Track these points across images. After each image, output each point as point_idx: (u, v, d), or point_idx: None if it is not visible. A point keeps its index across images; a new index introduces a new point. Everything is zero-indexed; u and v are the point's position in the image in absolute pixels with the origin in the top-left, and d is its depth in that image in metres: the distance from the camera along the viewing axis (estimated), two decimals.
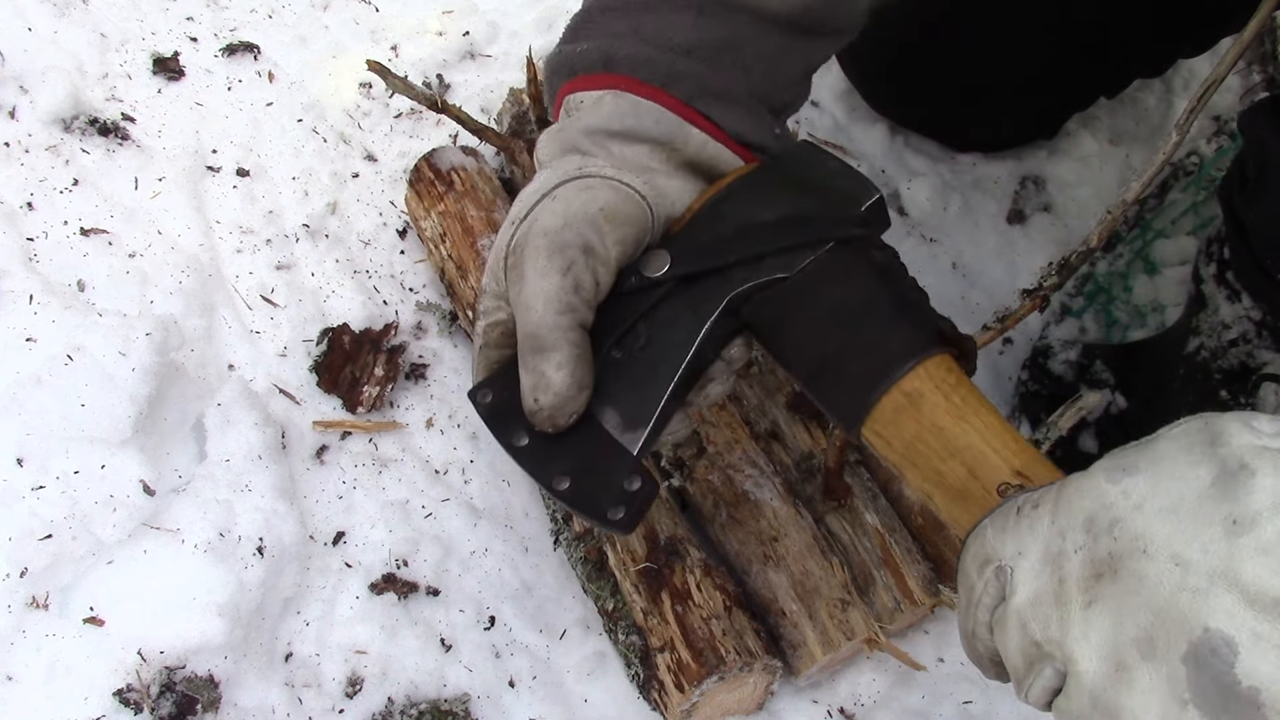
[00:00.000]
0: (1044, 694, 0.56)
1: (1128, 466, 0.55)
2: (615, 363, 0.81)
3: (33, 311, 1.15)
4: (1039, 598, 0.56)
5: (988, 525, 0.61)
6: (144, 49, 1.58)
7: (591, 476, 0.79)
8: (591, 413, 0.80)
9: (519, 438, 0.81)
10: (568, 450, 0.80)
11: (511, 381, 0.80)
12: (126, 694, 0.99)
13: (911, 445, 0.72)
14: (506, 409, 0.81)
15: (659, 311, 0.81)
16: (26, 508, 1.03)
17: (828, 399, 0.79)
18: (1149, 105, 1.71)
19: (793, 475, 1.22)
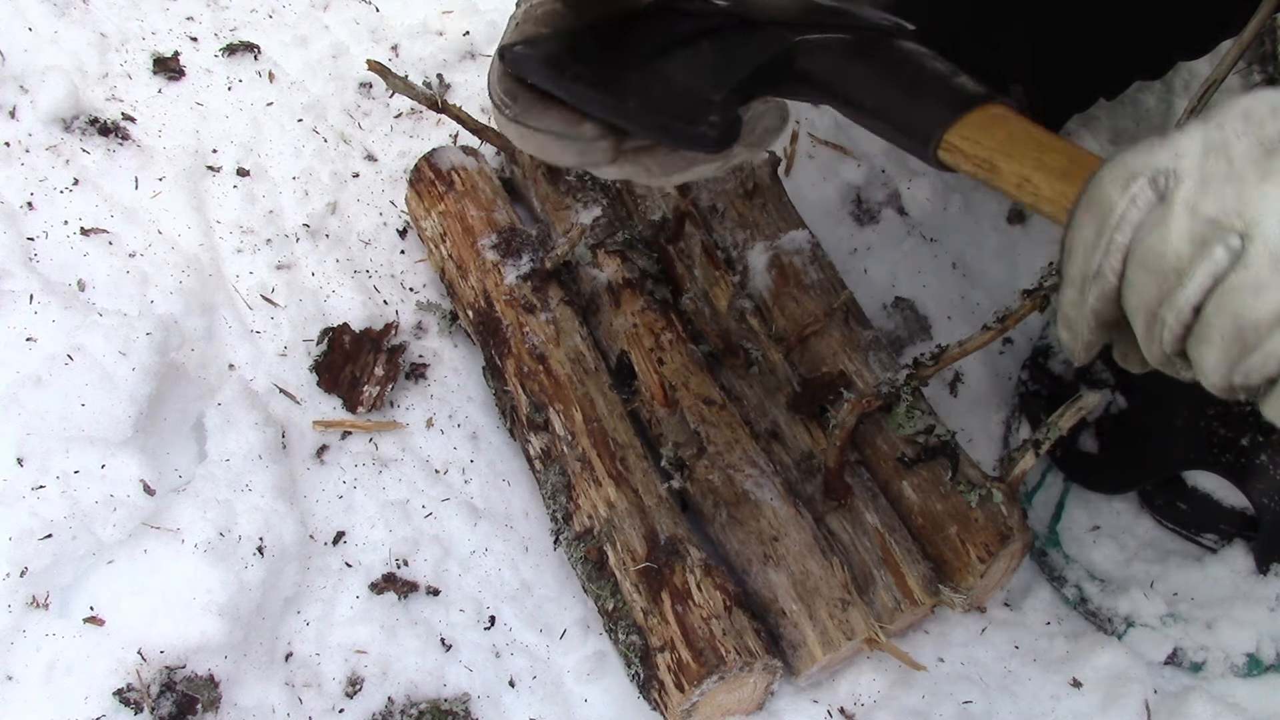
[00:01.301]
0: (1209, 278, 0.55)
1: (1263, 96, 0.55)
2: (682, 57, 0.79)
3: (33, 311, 1.15)
4: (1208, 180, 0.55)
5: (1127, 154, 0.59)
6: (144, 49, 1.58)
7: (667, 98, 0.77)
8: (650, 67, 0.79)
9: (571, 72, 0.78)
10: (635, 83, 0.78)
11: (550, 38, 0.79)
12: (126, 694, 0.99)
13: (1005, 142, 0.72)
14: (552, 52, 0.78)
15: (723, 34, 0.80)
16: (26, 508, 1.03)
17: (904, 116, 0.77)
18: (1149, 105, 1.71)
19: (793, 475, 1.22)
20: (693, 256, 1.39)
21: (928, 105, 0.75)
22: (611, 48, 0.81)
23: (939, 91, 0.76)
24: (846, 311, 1.30)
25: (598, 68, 0.78)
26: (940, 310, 1.50)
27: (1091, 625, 1.26)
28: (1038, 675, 1.20)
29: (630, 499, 1.16)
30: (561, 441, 1.22)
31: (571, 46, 0.80)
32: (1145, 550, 1.30)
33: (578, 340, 1.29)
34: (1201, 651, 1.21)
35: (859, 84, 0.79)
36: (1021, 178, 0.69)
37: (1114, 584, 1.26)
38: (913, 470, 1.20)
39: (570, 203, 1.40)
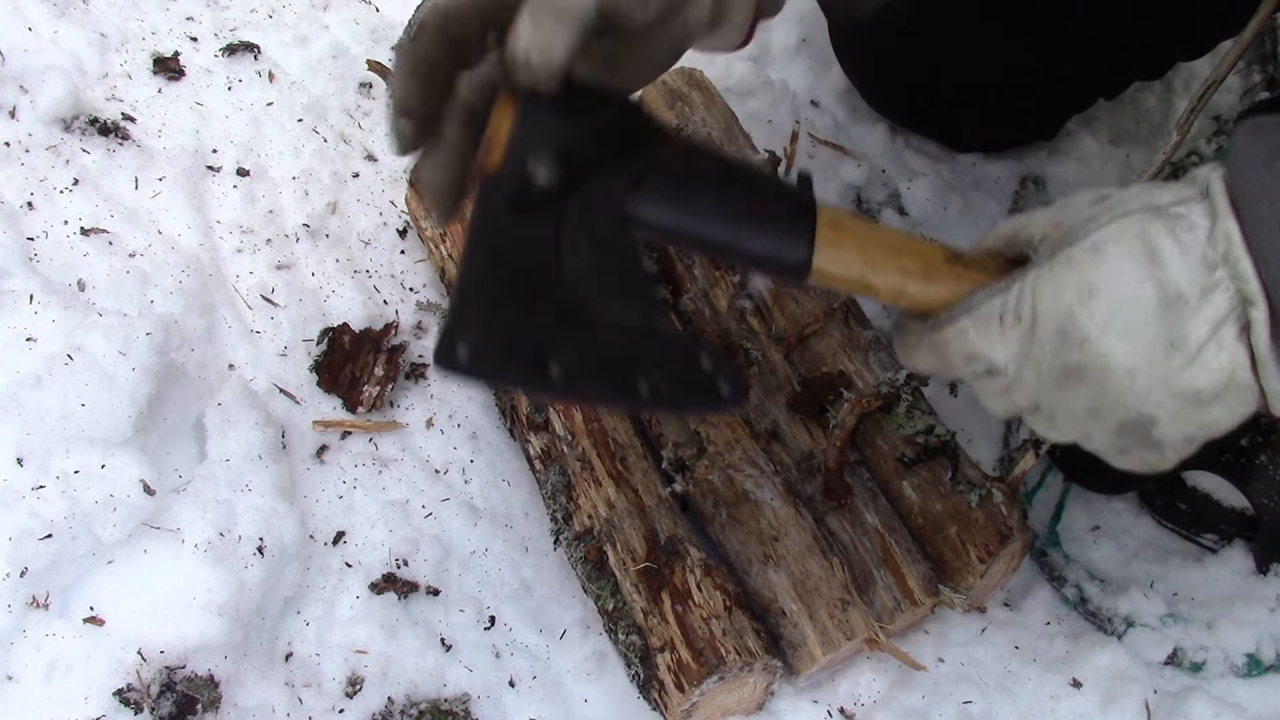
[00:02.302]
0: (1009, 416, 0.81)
1: (1090, 287, 0.71)
2: (578, 273, 0.76)
3: (33, 311, 1.15)
4: (1025, 383, 0.76)
5: (970, 328, 0.76)
6: (144, 49, 1.58)
7: (668, 372, 0.74)
8: (607, 319, 0.75)
9: (554, 367, 0.72)
10: (619, 359, 0.74)
11: (496, 314, 0.73)
12: (126, 694, 0.99)
13: (864, 255, 0.79)
14: (517, 345, 0.72)
15: (570, 220, 0.77)
16: (26, 508, 1.03)
17: (768, 258, 0.80)
18: (1149, 105, 1.71)
19: (793, 475, 1.22)
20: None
21: (782, 235, 0.79)
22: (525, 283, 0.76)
23: (780, 211, 0.79)
24: (846, 311, 1.30)
25: (555, 338, 0.73)
26: None
27: (1091, 625, 1.26)
28: (1038, 675, 1.20)
29: (630, 499, 1.16)
30: (561, 441, 1.22)
31: (493, 303, 0.74)
32: (1145, 550, 1.30)
33: None
34: (1201, 651, 1.21)
35: (704, 228, 0.80)
36: (896, 291, 0.80)
37: (1114, 584, 1.26)
38: (913, 470, 1.20)
39: None
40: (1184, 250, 0.70)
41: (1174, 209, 0.71)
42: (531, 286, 0.75)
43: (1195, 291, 0.69)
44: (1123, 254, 0.71)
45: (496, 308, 0.73)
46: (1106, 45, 1.42)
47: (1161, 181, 0.76)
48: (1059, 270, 0.72)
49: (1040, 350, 0.74)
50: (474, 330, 0.72)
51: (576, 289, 0.75)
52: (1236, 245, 0.69)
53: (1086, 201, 0.76)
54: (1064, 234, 0.74)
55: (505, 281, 0.75)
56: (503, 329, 0.73)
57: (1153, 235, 0.70)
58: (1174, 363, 0.70)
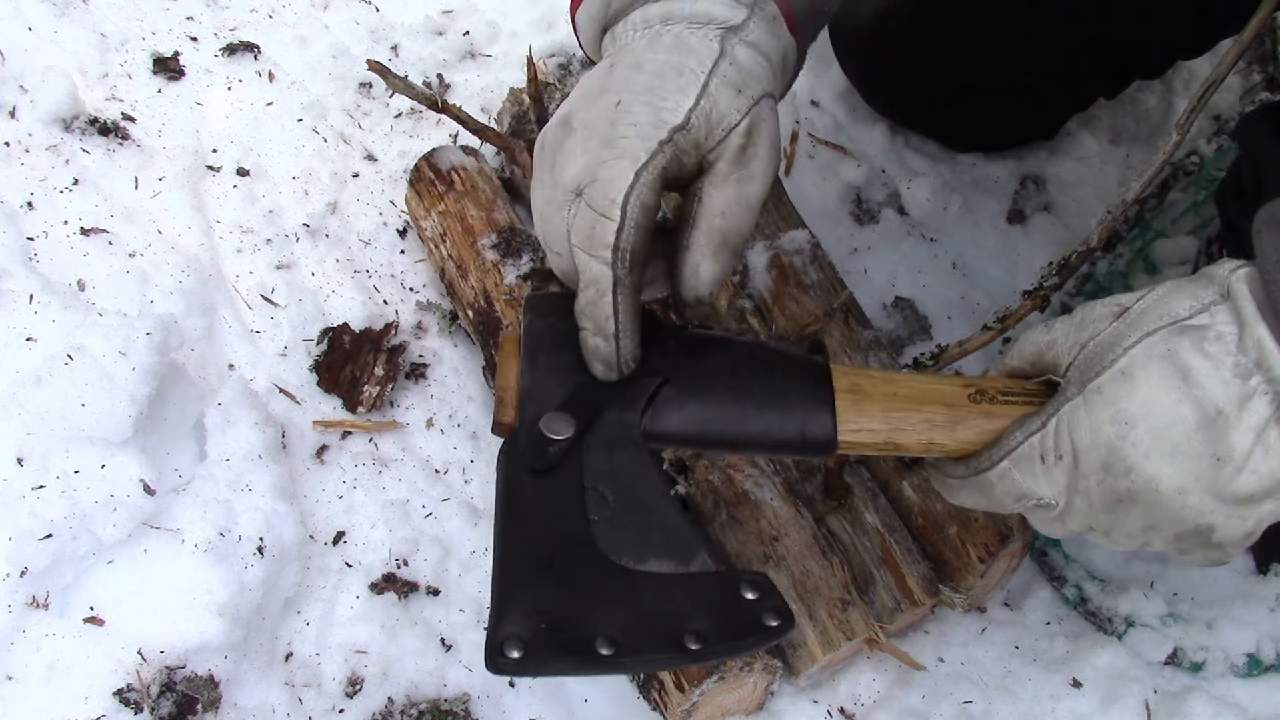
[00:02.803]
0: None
1: (1127, 418, 0.71)
2: (607, 524, 0.76)
3: (33, 311, 1.15)
4: (1081, 514, 0.76)
5: (1012, 469, 0.76)
6: (144, 49, 1.58)
7: (712, 616, 0.73)
8: (643, 572, 0.74)
9: (604, 645, 0.70)
10: (662, 618, 0.73)
11: (542, 613, 0.71)
12: (126, 694, 0.99)
13: (888, 418, 0.79)
14: (563, 635, 0.71)
15: (590, 466, 0.77)
16: (26, 508, 1.03)
17: (793, 444, 0.80)
18: (1149, 105, 1.71)
19: (793, 475, 1.22)
20: None
21: (803, 419, 0.79)
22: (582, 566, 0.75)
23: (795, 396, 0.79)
24: (846, 311, 1.30)
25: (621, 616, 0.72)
26: (940, 310, 1.50)
27: (1091, 625, 1.26)
28: (1038, 675, 1.20)
29: None
30: None
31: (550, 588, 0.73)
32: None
33: None
34: (1201, 651, 1.21)
35: (725, 431, 0.80)
36: (925, 444, 0.80)
37: (1114, 584, 1.26)
38: (913, 470, 1.20)
39: None
40: (1215, 365, 0.69)
41: (1197, 319, 0.71)
42: (567, 559, 0.74)
43: (1233, 405, 0.69)
44: (1154, 379, 0.70)
45: (537, 597, 0.72)
46: (1106, 45, 1.42)
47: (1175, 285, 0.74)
48: (1093, 403, 0.72)
49: (1087, 483, 0.73)
50: (520, 626, 0.71)
51: (610, 548, 0.75)
52: (1271, 352, 0.68)
53: (1106, 316, 0.75)
54: (1090, 358, 0.74)
55: (540, 561, 0.74)
56: (547, 619, 0.71)
57: (1182, 354, 0.70)
58: (1223, 475, 0.70)
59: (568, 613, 0.72)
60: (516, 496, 0.77)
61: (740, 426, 0.79)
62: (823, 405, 0.78)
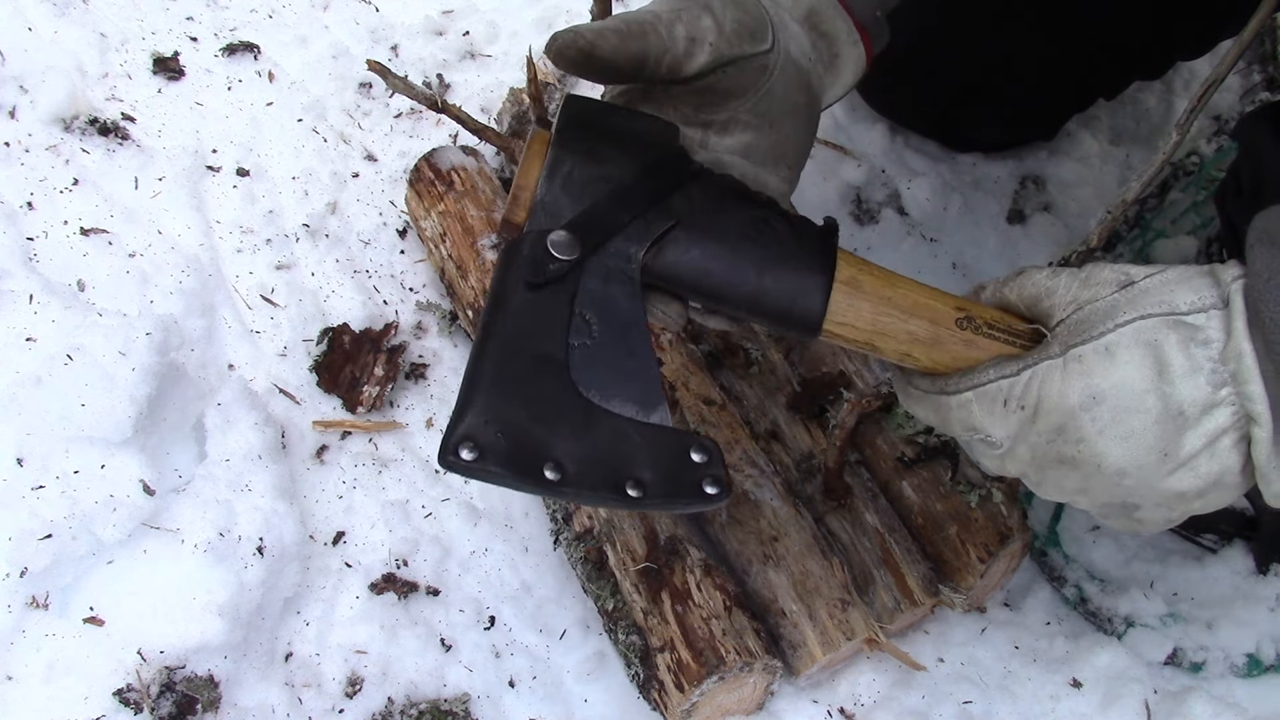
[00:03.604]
0: None
1: (1096, 393, 0.73)
2: (585, 352, 0.77)
3: (33, 311, 1.15)
4: (1021, 461, 0.78)
5: (973, 401, 0.78)
6: (144, 49, 1.58)
7: (658, 467, 0.75)
8: (604, 409, 0.76)
9: (551, 470, 0.73)
10: (608, 454, 0.75)
11: (505, 422, 0.73)
12: (126, 694, 0.99)
13: (875, 320, 0.80)
14: (515, 448, 0.73)
15: (584, 290, 0.78)
16: (26, 508, 1.03)
17: (779, 315, 0.80)
18: (1149, 105, 1.71)
19: (793, 475, 1.22)
20: None
21: (796, 297, 0.79)
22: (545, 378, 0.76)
23: (796, 272, 0.80)
24: None
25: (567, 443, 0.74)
26: None
27: (1091, 625, 1.26)
28: (1038, 675, 1.20)
29: None
30: None
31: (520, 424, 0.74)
32: (1145, 550, 1.30)
33: None
34: (1201, 651, 1.21)
35: (719, 287, 0.80)
36: (902, 354, 0.81)
37: (1114, 584, 1.26)
38: (913, 470, 1.20)
39: None
40: (1194, 367, 0.71)
41: (1192, 318, 0.72)
42: (537, 377, 0.76)
43: (1197, 409, 0.71)
44: (1133, 363, 0.72)
45: (501, 406, 0.74)
46: (1107, 46, 1.42)
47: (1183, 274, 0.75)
48: (1070, 369, 0.74)
49: (1038, 438, 0.76)
50: (478, 430, 0.73)
51: (581, 378, 0.76)
52: (1248, 368, 0.70)
53: (1110, 283, 0.76)
54: (1082, 320, 0.75)
55: (512, 373, 0.76)
56: (505, 430, 0.73)
57: (1166, 348, 0.71)
58: (1164, 469, 0.73)
59: (525, 430, 0.74)
60: (505, 303, 0.77)
61: (735, 284, 0.80)
62: (818, 288, 0.79)
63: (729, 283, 0.80)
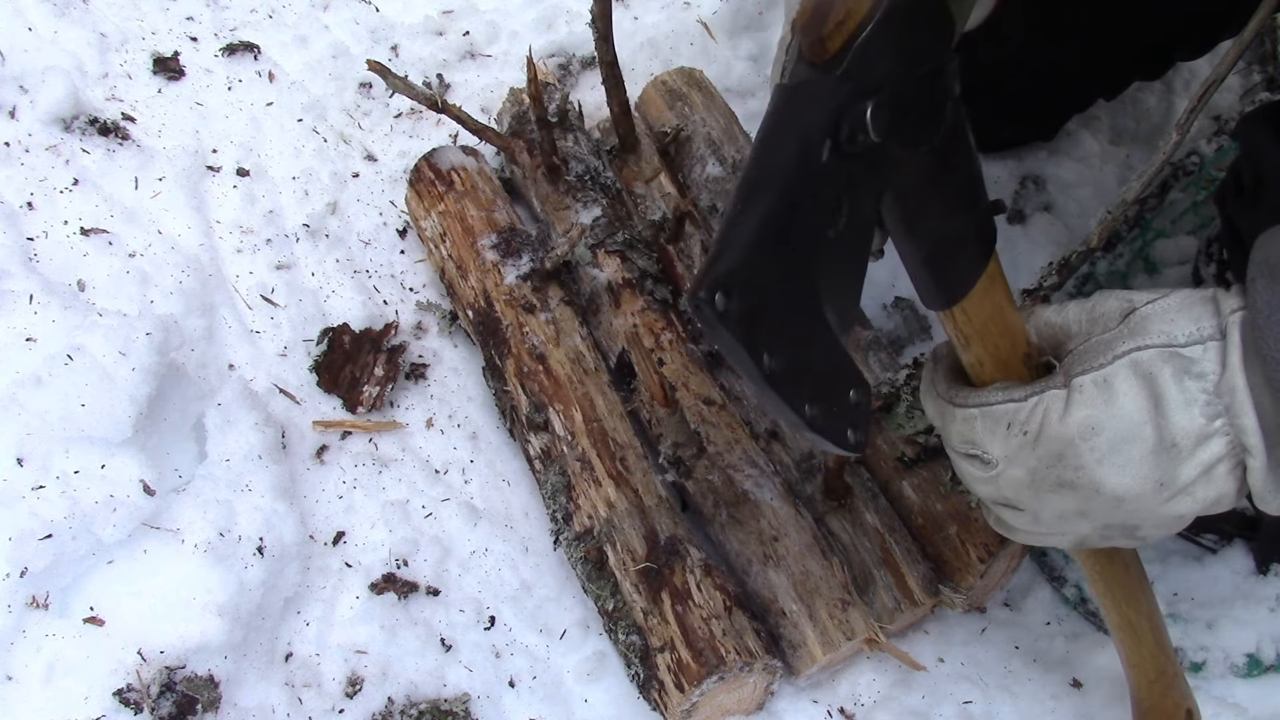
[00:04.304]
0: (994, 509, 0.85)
1: (1094, 424, 0.74)
2: (828, 247, 0.68)
3: (33, 311, 1.15)
4: (1016, 483, 0.79)
5: (978, 419, 0.79)
6: (144, 49, 1.58)
7: (829, 395, 0.70)
8: (820, 308, 0.68)
9: (770, 358, 0.65)
10: (812, 364, 0.68)
11: (757, 286, 0.64)
12: (126, 694, 0.99)
13: (985, 323, 0.79)
14: (757, 321, 0.64)
15: (853, 179, 0.68)
16: (26, 508, 1.03)
17: (937, 277, 0.77)
18: (1149, 105, 1.71)
19: (793, 475, 1.22)
20: (693, 256, 1.39)
21: (961, 266, 0.77)
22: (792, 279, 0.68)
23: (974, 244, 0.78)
24: None
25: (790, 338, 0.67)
26: None
27: (1091, 625, 1.26)
28: (1038, 675, 1.20)
29: (630, 499, 1.16)
30: (561, 441, 1.22)
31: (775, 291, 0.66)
32: (1145, 550, 1.29)
33: (577, 340, 1.29)
34: (1201, 651, 1.21)
35: (919, 227, 0.75)
36: (979, 359, 0.81)
37: None
38: (913, 470, 1.20)
39: (570, 203, 1.40)
40: (1188, 400, 0.72)
41: (1188, 350, 0.73)
42: (797, 249, 0.66)
43: (1190, 441, 0.73)
44: (1130, 395, 0.74)
45: (762, 264, 0.64)
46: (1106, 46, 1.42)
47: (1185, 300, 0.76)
48: (1072, 400, 0.75)
49: (1036, 462, 0.77)
50: (735, 282, 0.63)
51: (821, 266, 0.68)
52: (1241, 402, 0.71)
53: (1115, 314, 0.77)
54: (1085, 353, 0.77)
55: (782, 232, 0.65)
56: (756, 293, 0.64)
57: (1160, 381, 0.73)
58: (1161, 496, 0.75)
59: (771, 305, 0.65)
60: (802, 150, 0.65)
61: (934, 232, 0.75)
62: (976, 268, 0.78)
63: (931, 226, 0.74)
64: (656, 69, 1.64)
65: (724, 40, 1.71)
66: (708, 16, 1.73)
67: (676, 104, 1.48)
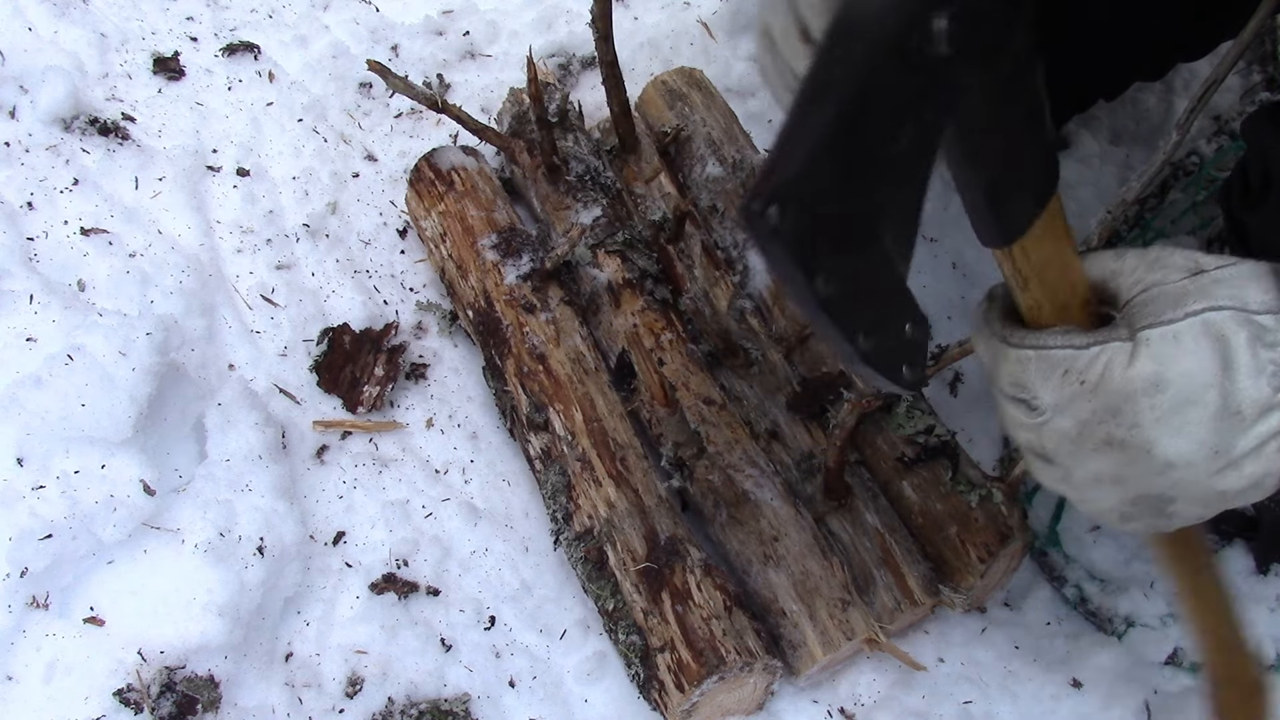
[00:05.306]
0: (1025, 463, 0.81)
1: (1159, 381, 0.71)
2: (890, 163, 0.65)
3: (33, 311, 1.15)
4: (1061, 435, 0.75)
5: (1033, 361, 0.75)
6: (144, 49, 1.58)
7: (884, 327, 0.67)
8: (878, 233, 0.66)
9: (824, 282, 0.63)
10: (867, 292, 0.66)
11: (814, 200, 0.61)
12: (126, 694, 0.99)
13: (1044, 264, 0.77)
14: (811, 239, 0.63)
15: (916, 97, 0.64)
16: (26, 508, 1.03)
17: (998, 210, 0.74)
18: (1149, 105, 1.71)
19: (793, 475, 1.22)
20: (693, 256, 1.39)
21: (1021, 200, 0.74)
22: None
23: (1037, 176, 0.74)
24: None
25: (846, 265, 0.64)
26: (940, 310, 1.50)
27: (1091, 625, 1.26)
28: (1038, 675, 1.20)
29: (630, 499, 1.16)
30: (561, 441, 1.22)
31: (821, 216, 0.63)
32: (1145, 550, 1.30)
33: (578, 340, 1.29)
34: None
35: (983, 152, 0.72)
36: (1038, 302, 0.78)
37: (1114, 584, 1.26)
38: (913, 470, 1.20)
39: (570, 203, 1.40)
40: (1258, 368, 0.70)
41: (1262, 318, 0.71)
42: (856, 165, 0.63)
43: (1254, 410, 0.70)
44: (1199, 356, 0.71)
45: (824, 178, 0.61)
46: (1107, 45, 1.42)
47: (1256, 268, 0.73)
48: (1138, 353, 0.72)
49: (1089, 415, 0.74)
50: (792, 194, 0.60)
51: (879, 187, 0.65)
52: None
53: (1180, 268, 0.74)
54: (1149, 303, 0.73)
55: (845, 146, 0.62)
56: (814, 212, 0.61)
57: (1233, 344, 0.71)
58: (1212, 466, 0.72)
59: (826, 224, 0.62)
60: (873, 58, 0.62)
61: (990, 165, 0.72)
62: (1040, 201, 0.74)
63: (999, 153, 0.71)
64: (656, 69, 1.64)
65: (724, 40, 1.71)
66: (708, 16, 1.73)
67: (676, 104, 1.49)
